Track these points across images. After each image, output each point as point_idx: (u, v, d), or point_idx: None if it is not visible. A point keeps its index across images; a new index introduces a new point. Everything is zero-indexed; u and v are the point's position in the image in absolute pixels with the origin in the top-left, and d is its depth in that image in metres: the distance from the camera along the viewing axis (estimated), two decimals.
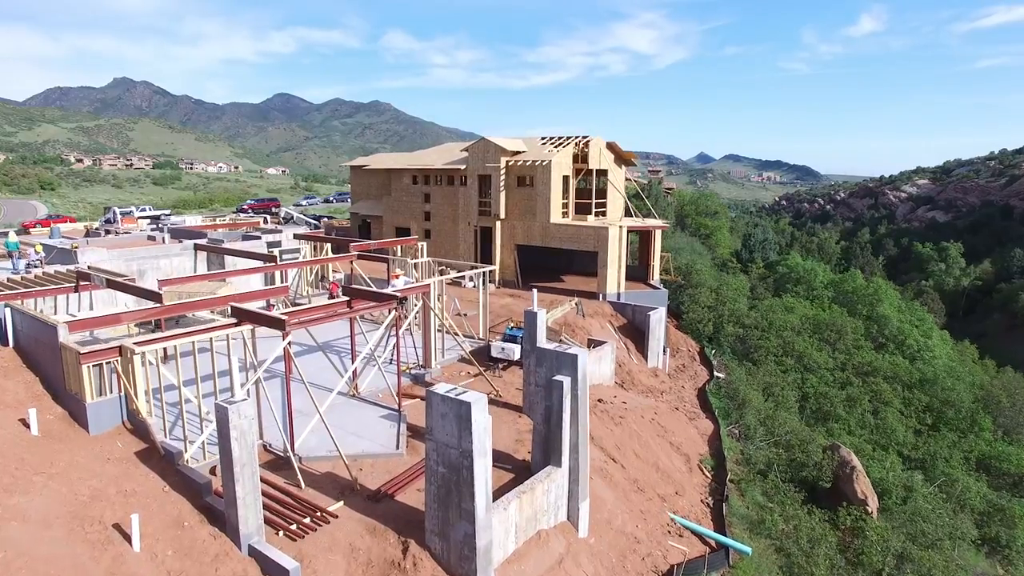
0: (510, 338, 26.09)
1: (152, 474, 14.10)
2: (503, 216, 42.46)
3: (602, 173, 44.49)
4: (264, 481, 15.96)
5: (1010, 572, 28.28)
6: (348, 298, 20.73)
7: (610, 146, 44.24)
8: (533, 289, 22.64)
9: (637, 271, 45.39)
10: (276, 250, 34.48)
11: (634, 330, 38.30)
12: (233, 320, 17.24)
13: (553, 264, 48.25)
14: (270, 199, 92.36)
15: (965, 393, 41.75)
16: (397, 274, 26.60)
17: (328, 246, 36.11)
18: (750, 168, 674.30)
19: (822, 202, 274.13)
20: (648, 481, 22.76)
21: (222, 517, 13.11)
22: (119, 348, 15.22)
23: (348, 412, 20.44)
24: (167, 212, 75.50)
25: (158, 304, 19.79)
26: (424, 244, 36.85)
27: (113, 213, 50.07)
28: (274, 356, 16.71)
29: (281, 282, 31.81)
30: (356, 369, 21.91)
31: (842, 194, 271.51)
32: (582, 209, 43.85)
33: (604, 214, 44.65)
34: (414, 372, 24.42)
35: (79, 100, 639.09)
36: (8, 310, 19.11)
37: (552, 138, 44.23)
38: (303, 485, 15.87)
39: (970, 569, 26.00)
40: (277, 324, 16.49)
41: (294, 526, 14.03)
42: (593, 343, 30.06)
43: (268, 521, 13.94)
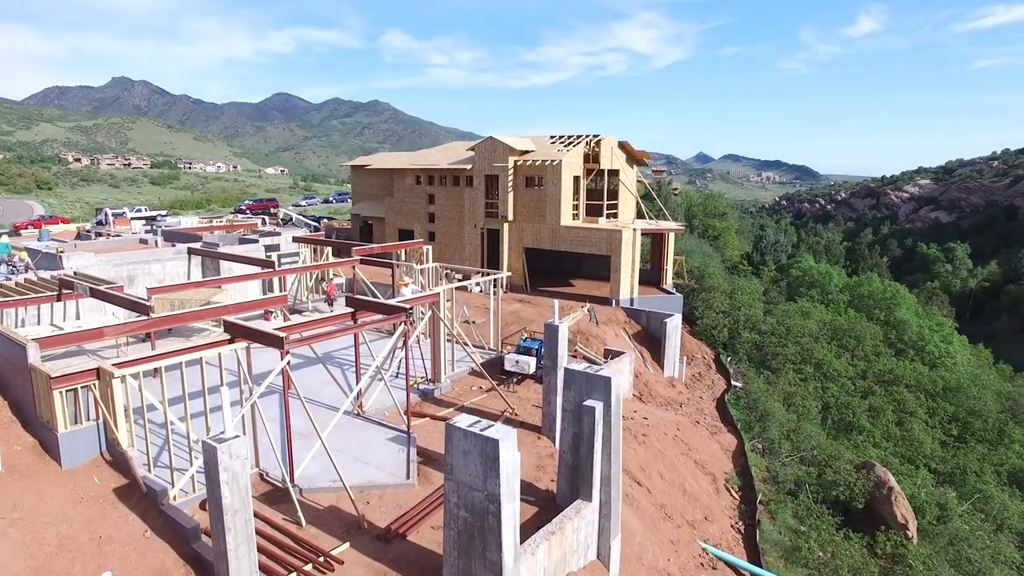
0: (524, 350, 24.41)
1: (132, 516, 12.41)
2: (511, 218, 40.79)
3: (614, 173, 42.85)
4: (260, 517, 14.29)
5: None
6: (352, 309, 19.07)
7: (622, 145, 42.58)
8: (555, 301, 20.96)
9: (649, 275, 43.75)
10: (274, 254, 32.80)
11: (649, 337, 36.65)
12: (226, 337, 15.58)
13: (561, 267, 46.60)
14: (269, 199, 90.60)
15: (992, 402, 40.12)
16: (405, 282, 24.89)
17: (328, 250, 34.45)
18: (749, 168, 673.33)
19: (823, 202, 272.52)
20: (676, 506, 21.11)
21: (211, 568, 11.44)
22: (96, 370, 13.54)
23: (352, 434, 18.77)
24: (163, 212, 73.79)
25: (145, 316, 18.12)
26: (429, 248, 35.18)
27: (105, 215, 48.23)
28: (272, 376, 15.03)
29: (280, 289, 30.15)
30: (360, 380, 20.24)
31: (843, 194, 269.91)
32: (593, 211, 42.18)
33: (616, 216, 42.99)
34: (422, 387, 22.76)
35: (77, 99, 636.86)
36: None
37: (562, 137, 42.57)
38: (304, 523, 14.20)
39: None
40: (275, 342, 14.82)
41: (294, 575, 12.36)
42: (610, 353, 28.41)
43: (264, 567, 12.28)
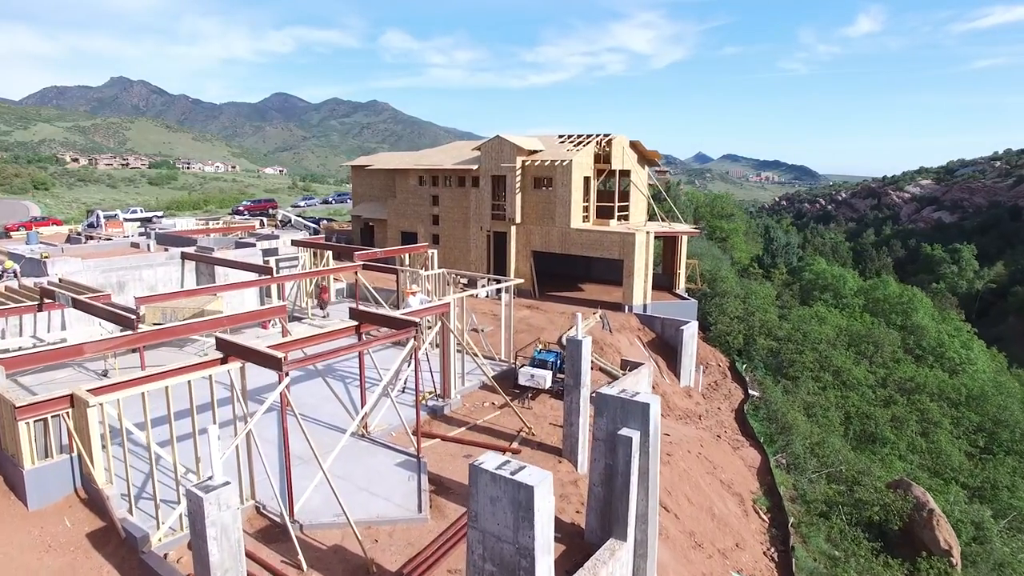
0: (540, 363, 22.85)
1: (107, 567, 10.84)
2: (519, 220, 39.26)
3: (625, 174, 41.35)
4: (254, 559, 12.75)
5: None
6: (356, 322, 17.52)
7: (633, 145, 41.06)
8: (577, 313, 19.40)
9: (660, 279, 42.24)
10: (272, 259, 31.25)
11: (663, 345, 35.15)
12: (219, 356, 14.03)
13: (570, 271, 45.09)
14: (267, 200, 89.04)
15: (1019, 411, 38.59)
16: (412, 290, 23.30)
17: (329, 254, 32.88)
18: (748, 168, 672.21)
19: (823, 202, 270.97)
20: (705, 533, 19.57)
21: None
22: (70, 397, 11.98)
23: (357, 459, 17.21)
24: (159, 214, 72.23)
25: (130, 331, 16.55)
26: (434, 252, 33.64)
27: (96, 217, 46.49)
28: (269, 402, 13.48)
29: (278, 295, 28.59)
30: (365, 401, 18.68)
31: (843, 194, 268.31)
32: (603, 213, 40.66)
33: (627, 218, 41.47)
34: (431, 403, 21.20)
35: (76, 99, 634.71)
36: None
37: (571, 136, 41.04)
38: (304, 566, 12.64)
39: None
40: (272, 363, 13.26)
41: None
42: (628, 364, 26.83)
43: None
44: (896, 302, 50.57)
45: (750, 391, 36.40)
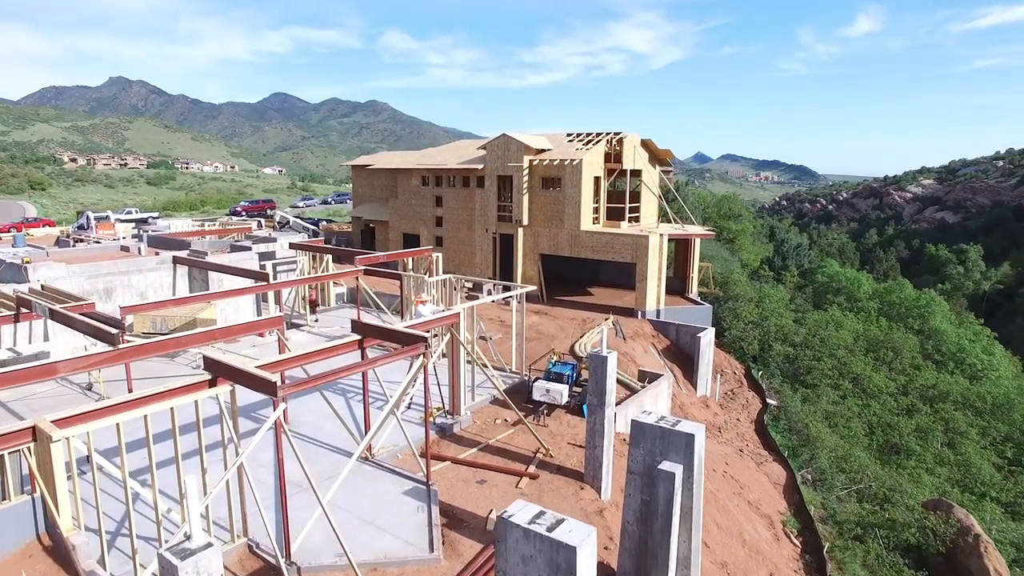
0: (555, 376, 21.32)
1: None
2: (526, 222, 37.71)
3: (636, 174, 39.82)
4: None
5: None
6: (359, 336, 16.00)
7: (645, 144, 39.50)
8: (602, 327, 17.93)
9: (672, 283, 40.68)
10: (269, 263, 29.71)
11: (679, 352, 33.62)
12: (206, 377, 12.51)
13: (577, 275, 43.53)
14: (265, 201, 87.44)
15: None
16: (421, 299, 21.72)
17: (328, 258, 31.38)
18: (747, 168, 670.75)
19: (824, 202, 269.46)
20: (737, 563, 18.05)
21: None
22: (32, 430, 10.45)
23: (361, 486, 15.68)
24: (155, 214, 70.67)
25: (111, 347, 15.02)
26: (439, 256, 32.12)
27: (87, 218, 44.80)
28: (263, 431, 11.95)
29: (275, 303, 27.04)
30: (369, 421, 17.19)
31: (844, 194, 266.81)
32: (614, 214, 39.13)
33: (637, 220, 39.92)
34: (439, 421, 19.68)
35: (75, 99, 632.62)
36: None
37: (580, 135, 39.48)
38: None
39: None
40: (267, 388, 11.74)
41: None
42: (646, 376, 25.33)
43: None
44: (912, 305, 49.10)
45: (768, 400, 34.93)
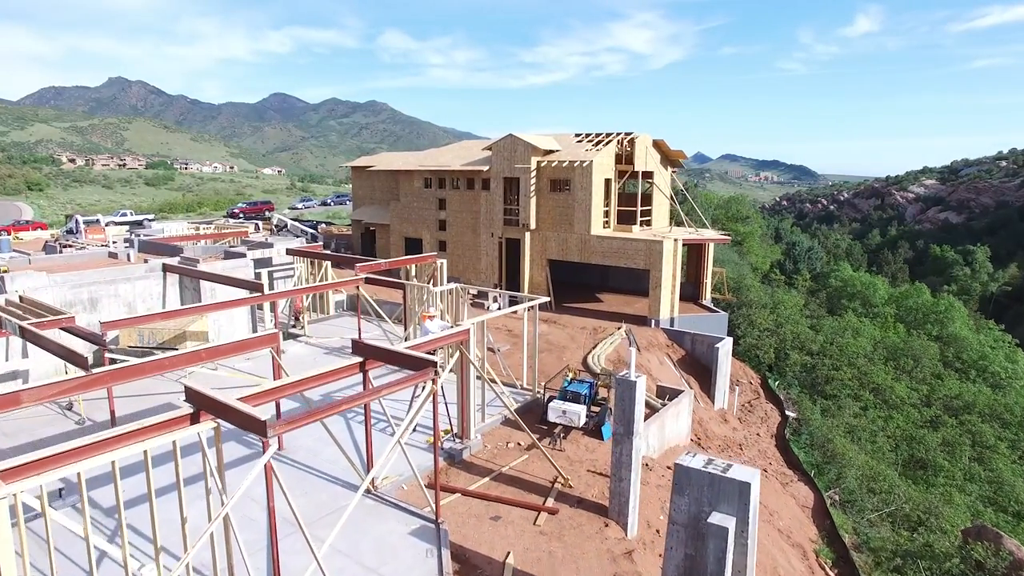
0: (572, 396, 19.80)
1: None
2: (533, 226, 36.22)
3: (647, 175, 38.34)
4: None
5: None
6: (361, 358, 14.47)
7: (656, 144, 38.02)
8: (632, 349, 16.40)
9: (685, 289, 39.16)
10: (265, 271, 28.17)
11: (694, 363, 32.10)
12: (188, 410, 10.97)
13: (585, 280, 42.05)
14: (264, 202, 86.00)
15: None
16: (429, 314, 20.17)
17: (327, 264, 29.85)
18: (747, 168, 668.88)
19: (825, 202, 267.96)
20: None
21: None
22: None
23: (362, 525, 14.15)
24: (150, 216, 69.17)
25: (84, 373, 13.49)
26: (443, 263, 30.60)
27: (75, 222, 43.12)
28: (251, 478, 10.39)
29: (271, 314, 25.51)
30: (371, 452, 15.65)
31: (846, 194, 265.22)
32: (624, 217, 37.63)
33: (649, 223, 38.42)
34: (447, 446, 18.16)
35: (74, 99, 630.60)
36: None
37: (589, 135, 37.99)
38: None
39: None
40: (255, 427, 10.19)
41: None
42: (666, 392, 23.81)
43: None
44: (931, 311, 47.63)
45: (787, 412, 33.43)
